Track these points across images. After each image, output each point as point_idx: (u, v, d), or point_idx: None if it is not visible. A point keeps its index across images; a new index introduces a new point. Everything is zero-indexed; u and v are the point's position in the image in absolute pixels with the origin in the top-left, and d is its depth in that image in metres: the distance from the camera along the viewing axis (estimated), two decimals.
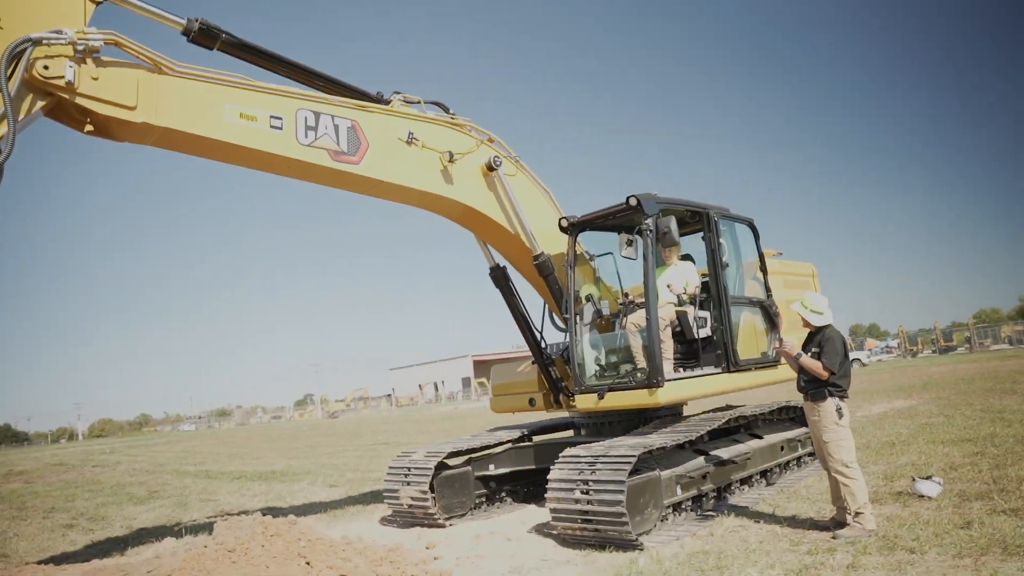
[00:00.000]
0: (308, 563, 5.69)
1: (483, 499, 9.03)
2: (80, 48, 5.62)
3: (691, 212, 8.23)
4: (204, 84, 6.37)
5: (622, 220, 7.92)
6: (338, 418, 78.28)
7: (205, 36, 6.57)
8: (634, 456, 6.28)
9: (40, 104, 5.63)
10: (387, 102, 7.80)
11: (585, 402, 7.73)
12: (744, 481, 8.15)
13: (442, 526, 8.16)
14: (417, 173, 7.64)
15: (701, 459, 7.43)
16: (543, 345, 8.94)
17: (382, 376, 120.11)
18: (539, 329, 8.87)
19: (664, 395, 7.10)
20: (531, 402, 9.09)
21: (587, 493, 6.30)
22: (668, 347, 7.63)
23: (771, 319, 8.49)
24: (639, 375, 7.35)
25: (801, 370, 6.32)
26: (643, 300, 8.09)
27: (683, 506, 7.14)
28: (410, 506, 8.36)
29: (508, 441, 9.15)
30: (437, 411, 49.77)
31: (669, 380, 7.20)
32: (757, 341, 8.34)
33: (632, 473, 6.38)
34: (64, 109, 5.87)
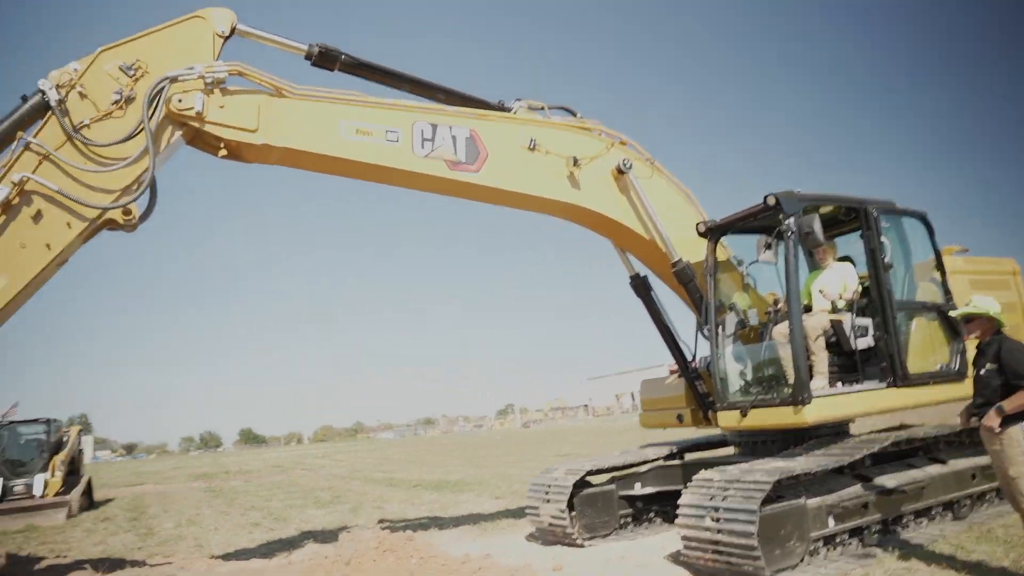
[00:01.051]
0: None
1: (629, 519, 8.57)
2: (208, 81, 6.21)
3: (845, 209, 7.33)
4: (320, 103, 6.70)
5: (765, 221, 7.21)
6: (531, 428, 79.71)
7: (325, 59, 6.95)
8: (769, 482, 5.63)
9: (178, 134, 6.28)
10: (509, 110, 7.74)
11: (727, 420, 7.11)
12: (922, 514, 7.06)
13: (580, 546, 7.84)
14: (540, 180, 7.46)
15: (859, 487, 6.54)
16: (693, 358, 8.38)
17: (580, 386, 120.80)
18: (684, 341, 8.32)
19: (811, 413, 6.34)
20: (679, 418, 8.52)
21: (717, 521, 5.75)
22: (821, 359, 6.82)
23: (953, 326, 7.33)
24: (784, 391, 6.62)
25: (977, 390, 5.34)
26: None
27: (838, 540, 6.31)
28: (550, 525, 8.14)
29: (656, 459, 8.66)
30: (631, 422, 49.12)
31: (819, 396, 6.42)
32: (934, 351, 7.23)
33: (771, 500, 5.76)
34: (201, 137, 6.47)
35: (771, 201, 6.61)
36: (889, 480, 6.72)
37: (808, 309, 7.38)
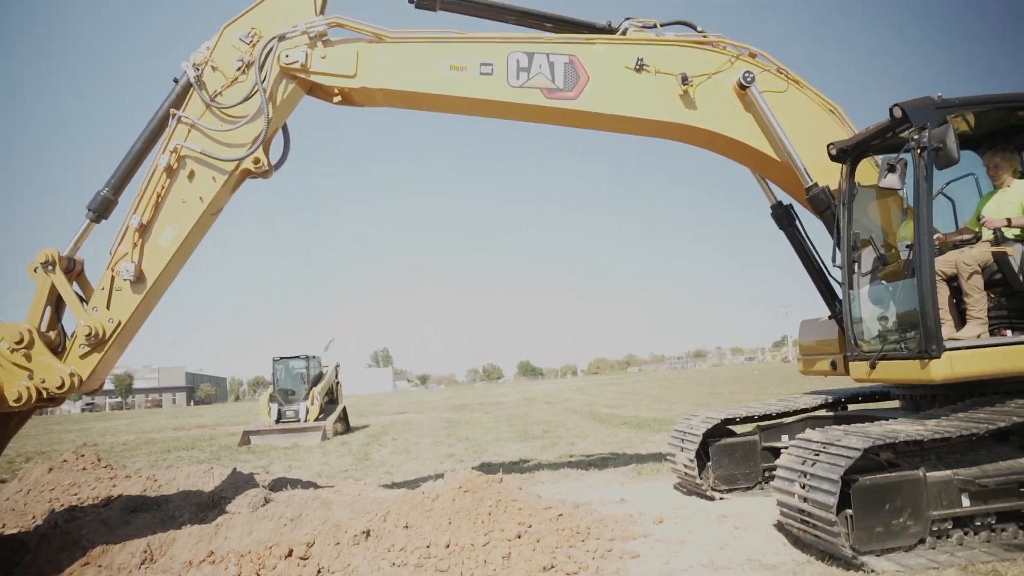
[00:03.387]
0: (484, 521, 5.73)
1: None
2: (311, 35, 6.67)
3: (1018, 110, 5.75)
4: (415, 44, 6.87)
5: (904, 139, 5.93)
6: (789, 362, 75.86)
7: (426, 1, 7.14)
8: (858, 450, 4.79)
9: (292, 86, 6.81)
10: (616, 31, 7.24)
11: (858, 371, 6.13)
12: None
13: (710, 498, 7.36)
14: (648, 102, 6.92)
15: (1022, 461, 5.28)
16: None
17: None
18: (835, 279, 7.25)
19: (941, 369, 5.21)
20: (832, 365, 7.51)
21: (804, 488, 5.05)
22: (978, 302, 5.55)
23: None
24: (912, 342, 5.52)
25: None
26: (964, 238, 6.12)
27: (982, 523, 5.18)
28: (685, 474, 7.74)
29: (805, 409, 7.77)
30: None
31: (954, 349, 5.26)
32: None
33: (875, 470, 4.94)
34: (319, 88, 6.96)
35: (897, 113, 5.43)
36: None
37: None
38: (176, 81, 6.71)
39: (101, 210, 6.47)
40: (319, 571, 5.49)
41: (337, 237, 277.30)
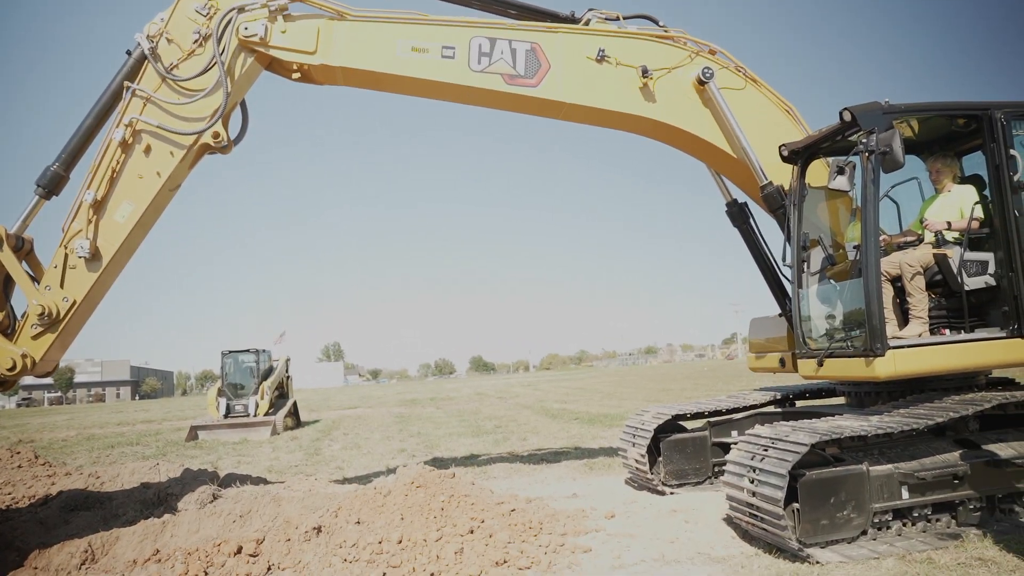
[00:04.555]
0: (437, 516, 5.72)
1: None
2: (272, 8, 6.55)
3: (959, 118, 5.97)
4: (377, 24, 6.82)
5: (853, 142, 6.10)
6: (734, 359, 77.79)
7: None
8: (805, 445, 4.91)
9: (250, 60, 6.68)
10: (579, 21, 7.28)
11: (806, 368, 6.28)
12: None
13: (661, 493, 7.46)
14: (608, 93, 6.98)
15: (956, 455, 5.49)
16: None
17: None
18: (787, 277, 7.42)
19: (885, 366, 5.37)
20: (781, 363, 7.68)
21: (753, 483, 5.16)
22: (919, 302, 5.75)
23: None
24: (858, 340, 5.68)
25: None
26: (908, 240, 6.32)
27: (919, 515, 5.37)
28: (636, 469, 7.84)
29: (754, 406, 7.93)
30: None
31: (897, 347, 5.43)
32: None
33: (821, 465, 5.08)
34: (278, 63, 6.83)
35: (847, 116, 5.57)
36: (1003, 450, 5.57)
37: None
38: (129, 53, 6.49)
39: (52, 186, 6.24)
40: (269, 568, 5.42)
41: (290, 228, 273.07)
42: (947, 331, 5.87)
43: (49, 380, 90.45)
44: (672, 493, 7.46)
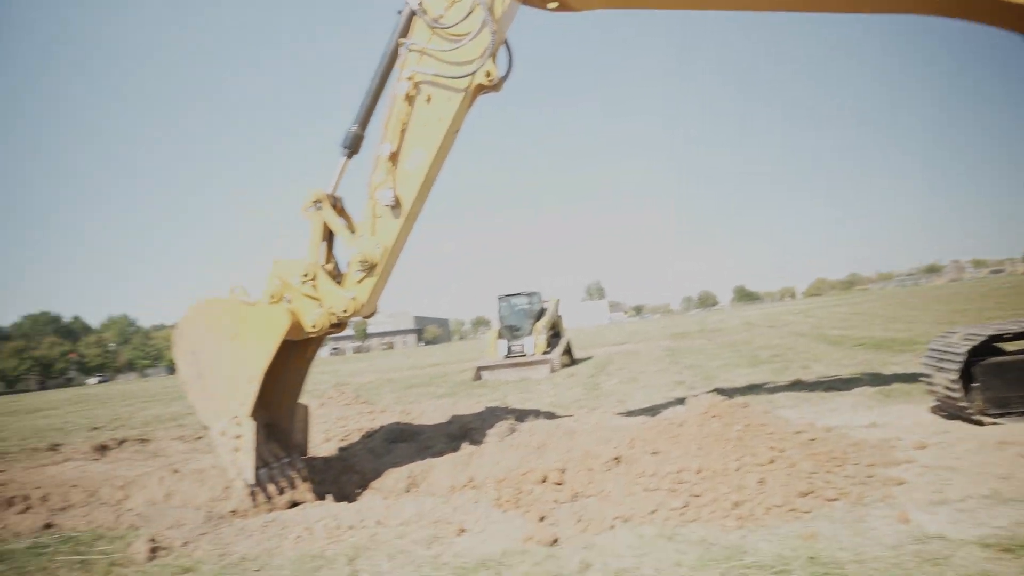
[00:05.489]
0: (735, 446, 5.70)
1: None
2: None
3: None
4: None
5: None
6: None
7: None
8: None
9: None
10: None
11: None
12: None
13: (979, 423, 6.78)
14: None
15: None
16: None
17: None
18: None
19: None
20: None
21: None
22: None
23: None
24: None
25: None
26: None
27: None
28: (945, 397, 7.19)
29: None
30: None
31: None
32: None
33: None
34: None
35: None
36: None
37: None
38: (400, 13, 6.99)
39: (354, 145, 6.99)
40: (575, 495, 5.78)
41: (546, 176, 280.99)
42: None
43: (350, 331, 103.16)
44: (994, 423, 6.74)
